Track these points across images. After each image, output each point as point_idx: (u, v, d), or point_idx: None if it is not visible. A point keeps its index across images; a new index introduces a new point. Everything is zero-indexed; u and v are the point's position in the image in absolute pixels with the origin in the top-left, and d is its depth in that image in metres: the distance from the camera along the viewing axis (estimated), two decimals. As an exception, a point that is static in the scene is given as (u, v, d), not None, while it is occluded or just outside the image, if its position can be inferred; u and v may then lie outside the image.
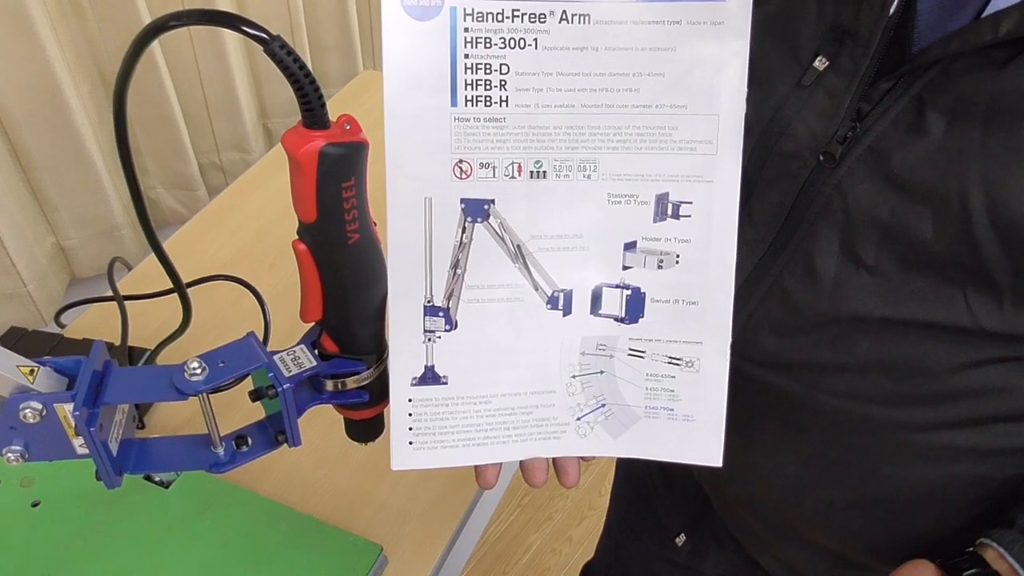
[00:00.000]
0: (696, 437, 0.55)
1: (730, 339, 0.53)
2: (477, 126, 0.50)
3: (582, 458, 0.58)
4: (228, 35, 1.58)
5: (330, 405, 0.57)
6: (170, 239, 1.19)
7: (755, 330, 0.57)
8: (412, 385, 0.54)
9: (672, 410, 0.56)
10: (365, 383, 0.56)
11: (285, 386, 0.50)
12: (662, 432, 0.56)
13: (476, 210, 0.52)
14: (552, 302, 0.54)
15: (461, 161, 0.51)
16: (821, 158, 0.50)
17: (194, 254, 1.14)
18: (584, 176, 0.52)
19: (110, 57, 1.47)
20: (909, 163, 0.47)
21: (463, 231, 0.52)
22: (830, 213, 0.50)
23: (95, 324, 1.02)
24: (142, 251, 1.58)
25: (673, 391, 0.55)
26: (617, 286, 0.54)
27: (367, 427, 0.59)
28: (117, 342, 0.90)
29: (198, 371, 0.49)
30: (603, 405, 0.56)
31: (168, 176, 1.64)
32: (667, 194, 0.52)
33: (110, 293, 0.89)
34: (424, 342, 0.53)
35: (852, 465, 0.56)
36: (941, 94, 0.46)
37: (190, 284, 0.89)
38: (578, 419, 0.57)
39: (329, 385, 0.56)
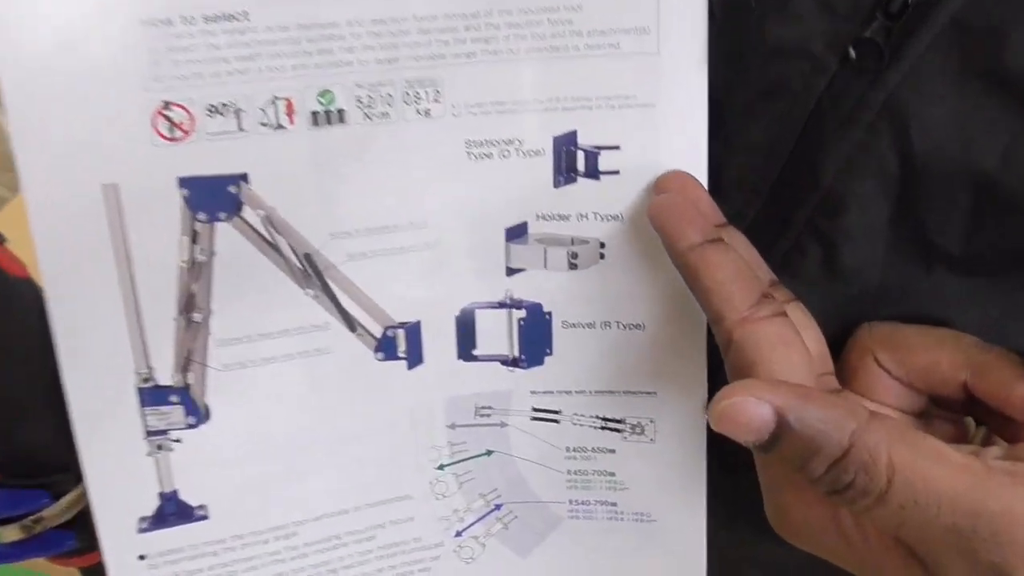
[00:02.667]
0: (658, 547, 0.33)
1: (706, 386, 0.30)
2: (193, 33, 0.25)
3: (474, 593, 0.34)
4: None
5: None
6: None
7: None
8: (141, 531, 0.29)
9: (614, 505, 0.33)
10: (64, 520, 0.31)
11: None
12: (601, 541, 0.33)
13: (212, 197, 0.27)
14: (384, 347, 0.30)
15: (168, 106, 0.26)
16: (852, 52, 0.26)
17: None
18: (418, 111, 0.28)
19: None
20: None
21: (193, 240, 0.27)
22: (871, 161, 0.26)
23: None
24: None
25: (614, 475, 0.32)
26: (501, 305, 0.31)
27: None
28: None
29: None
30: (497, 507, 0.33)
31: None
32: (574, 134, 0.28)
33: None
34: (150, 453, 0.29)
35: None
36: None
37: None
38: (458, 535, 0.33)
39: (8, 532, 0.31)
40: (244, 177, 0.27)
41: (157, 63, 0.25)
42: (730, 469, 0.30)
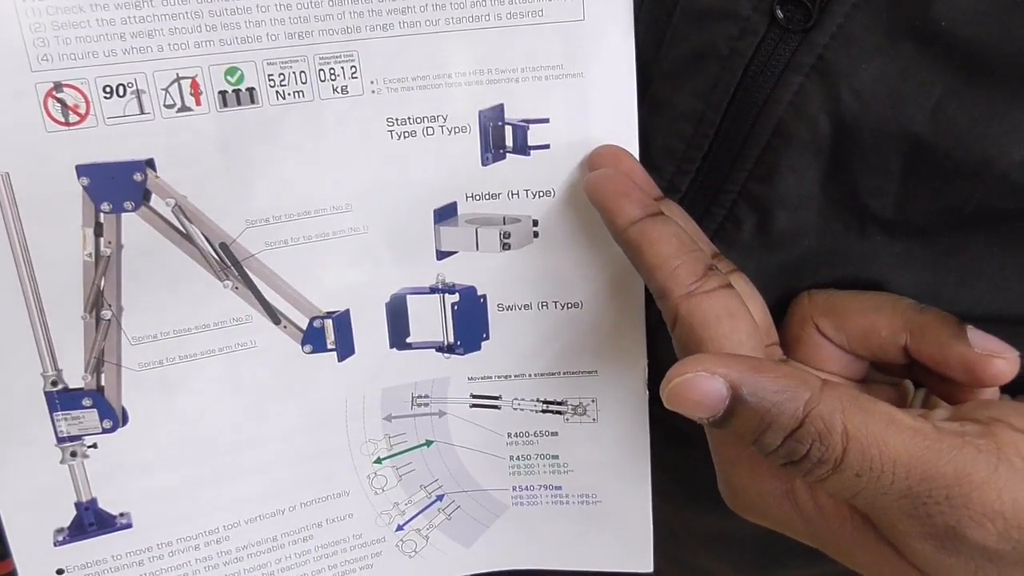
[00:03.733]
0: (604, 528, 0.32)
1: (646, 361, 0.30)
2: (81, 7, 0.24)
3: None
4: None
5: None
6: None
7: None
8: (58, 544, 0.28)
9: (559, 488, 0.32)
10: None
11: None
12: (547, 526, 0.32)
13: (116, 186, 0.25)
14: (311, 339, 0.29)
15: (59, 87, 0.24)
16: (779, 12, 0.25)
17: None
18: (335, 88, 0.26)
19: None
20: (964, 14, 0.22)
21: (97, 232, 0.25)
22: (802, 124, 0.25)
23: None
24: None
25: (557, 458, 0.32)
26: (432, 290, 0.29)
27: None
28: None
29: None
30: (439, 498, 0.32)
31: None
32: (501, 108, 0.27)
33: None
34: (63, 461, 0.27)
35: None
36: None
37: None
38: (399, 528, 0.32)
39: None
40: (150, 163, 0.25)
41: (43, 41, 0.23)
42: (677, 442, 0.29)
